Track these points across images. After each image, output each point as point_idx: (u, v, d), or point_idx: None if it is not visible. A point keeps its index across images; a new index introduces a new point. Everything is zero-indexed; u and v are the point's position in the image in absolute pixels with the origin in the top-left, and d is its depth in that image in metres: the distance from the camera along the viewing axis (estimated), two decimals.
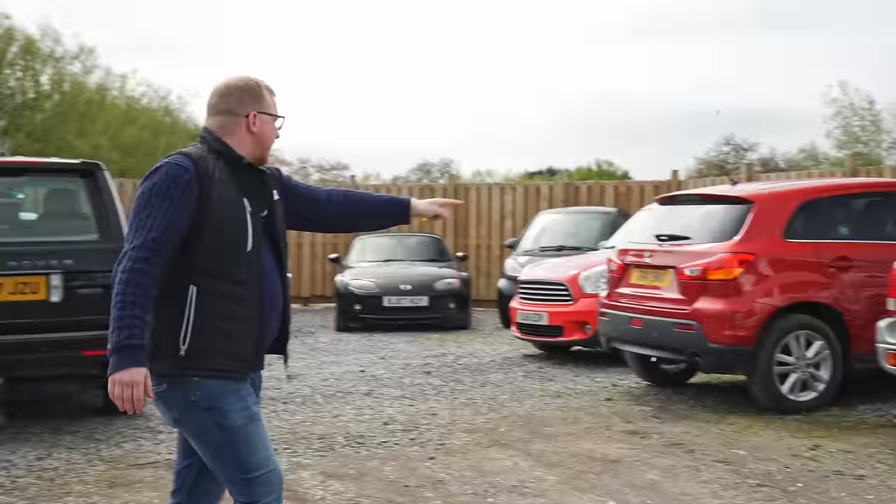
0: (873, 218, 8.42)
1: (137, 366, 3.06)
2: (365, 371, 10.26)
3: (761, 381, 7.72)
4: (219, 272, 3.19)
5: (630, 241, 9.26)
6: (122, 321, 3.04)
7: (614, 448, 6.63)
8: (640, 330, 8.32)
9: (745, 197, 8.11)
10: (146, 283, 3.08)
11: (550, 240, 13.95)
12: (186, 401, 3.18)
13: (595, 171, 48.17)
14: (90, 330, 7.11)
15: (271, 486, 3.28)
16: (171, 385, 3.19)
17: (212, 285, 3.18)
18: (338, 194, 3.73)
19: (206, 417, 3.18)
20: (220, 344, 3.19)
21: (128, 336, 3.04)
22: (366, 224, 3.98)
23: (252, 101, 3.35)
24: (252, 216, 3.27)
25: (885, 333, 6.67)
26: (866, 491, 5.53)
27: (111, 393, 3.07)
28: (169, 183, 3.14)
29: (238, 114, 3.33)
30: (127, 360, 3.05)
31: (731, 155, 41.86)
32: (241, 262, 3.23)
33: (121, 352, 3.05)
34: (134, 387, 3.05)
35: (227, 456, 3.22)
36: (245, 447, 3.22)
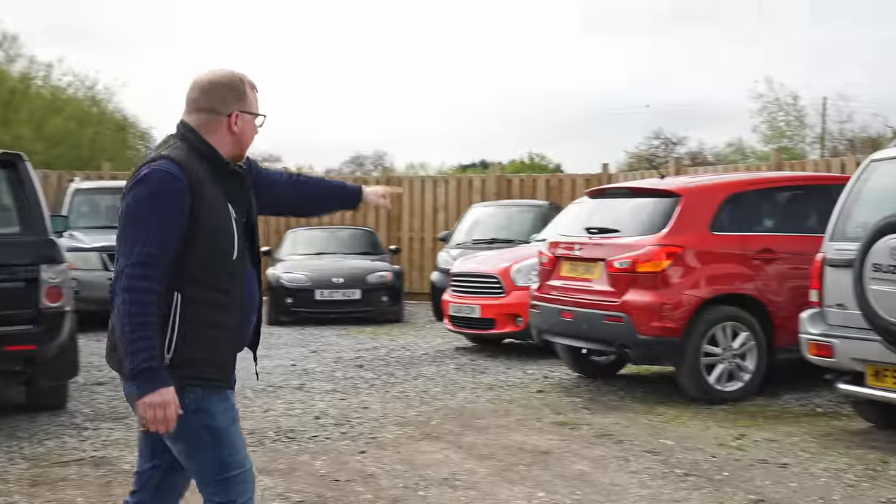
0: (796, 211, 8.60)
1: (164, 386, 3.02)
2: (296, 365, 10.19)
3: (689, 372, 7.83)
4: (204, 280, 3.13)
5: (561, 234, 9.33)
6: (137, 344, 2.98)
7: (545, 439, 6.67)
8: (570, 322, 8.38)
9: (673, 190, 8.22)
10: (151, 301, 3.01)
11: (483, 233, 14.00)
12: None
13: (528, 165, 48.39)
14: (13, 325, 6.97)
15: (247, 485, 3.28)
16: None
17: (196, 293, 3.12)
18: (295, 178, 3.73)
19: (194, 420, 3.13)
20: (204, 352, 3.15)
21: (147, 358, 2.99)
22: (317, 209, 3.97)
23: (235, 100, 3.24)
24: (236, 223, 3.24)
25: (807, 324, 6.80)
26: (789, 479, 5.64)
27: (143, 416, 3.03)
28: (161, 193, 3.04)
29: (220, 112, 3.22)
30: (153, 381, 3.00)
31: (660, 149, 42.41)
32: (226, 271, 3.19)
33: (144, 375, 3.00)
34: (166, 407, 3.02)
35: (210, 457, 3.20)
36: (228, 447, 3.21)
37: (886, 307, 5.96)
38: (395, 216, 18.32)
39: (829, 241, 6.80)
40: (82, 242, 13.21)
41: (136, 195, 3.06)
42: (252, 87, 3.32)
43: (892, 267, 5.92)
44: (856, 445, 6.42)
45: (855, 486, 5.45)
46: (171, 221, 3.04)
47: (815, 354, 6.72)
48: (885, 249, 5.96)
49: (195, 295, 3.11)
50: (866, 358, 6.33)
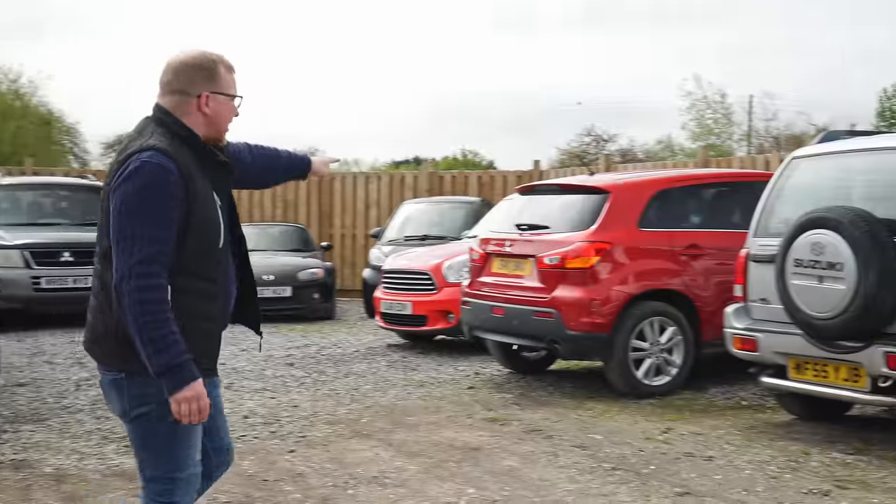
0: (722, 207, 8.74)
1: (194, 379, 3.05)
2: (225, 364, 10.06)
3: (617, 367, 7.91)
4: (195, 271, 3.14)
5: (491, 231, 9.36)
6: (162, 342, 2.98)
7: (475, 436, 6.69)
8: (501, 318, 8.42)
9: (602, 187, 8.29)
10: (164, 297, 3.02)
11: (415, 229, 13.99)
12: (144, 393, 3.13)
13: (460, 161, 48.50)
14: None
15: (192, 486, 3.29)
16: (131, 378, 3.14)
17: (188, 284, 3.12)
18: (255, 150, 3.72)
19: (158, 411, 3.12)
20: (200, 343, 3.16)
21: (175, 355, 3.00)
22: (273, 180, 3.92)
23: (204, 81, 3.20)
24: (221, 211, 3.24)
25: (731, 319, 6.91)
26: (714, 471, 5.73)
27: (177, 413, 3.05)
28: (155, 186, 3.01)
29: (190, 94, 3.19)
30: (183, 377, 3.02)
31: (591, 146, 42.78)
32: (214, 260, 3.21)
33: (173, 372, 3.01)
34: (199, 399, 3.06)
35: (168, 451, 3.19)
36: (187, 443, 3.22)
37: (807, 301, 6.08)
38: (326, 213, 18.23)
39: (753, 237, 6.92)
40: (4, 240, 12.91)
41: (128, 189, 3.02)
42: (228, 68, 3.28)
43: (812, 262, 6.04)
44: (779, 437, 6.54)
45: (778, 478, 5.56)
46: (168, 215, 3.02)
47: (740, 348, 6.83)
48: (806, 245, 6.08)
49: (187, 286, 3.12)
50: (788, 351, 6.45)
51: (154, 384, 3.06)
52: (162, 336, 2.98)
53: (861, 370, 6.00)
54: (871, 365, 5.90)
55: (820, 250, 5.99)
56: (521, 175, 17.72)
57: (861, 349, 5.92)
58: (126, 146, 3.15)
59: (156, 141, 3.09)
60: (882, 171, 6.48)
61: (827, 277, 5.95)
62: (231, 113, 3.30)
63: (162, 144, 3.08)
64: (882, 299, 5.72)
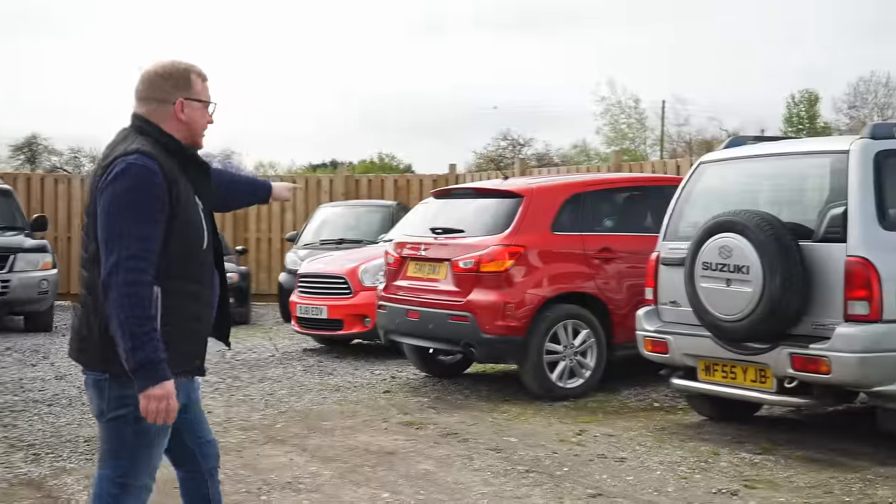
0: (634, 211, 8.88)
1: (166, 378, 3.09)
2: None
3: (532, 370, 7.97)
4: (181, 273, 3.23)
5: (406, 234, 9.36)
6: (141, 338, 3.04)
7: (391, 440, 6.68)
8: (416, 322, 8.41)
9: (516, 191, 8.35)
10: (149, 294, 3.09)
11: (331, 233, 13.93)
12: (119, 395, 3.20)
13: (377, 165, 48.45)
14: None
15: (141, 499, 3.35)
16: (113, 380, 3.20)
17: (175, 286, 3.20)
18: (216, 172, 3.76)
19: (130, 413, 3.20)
20: (188, 343, 3.29)
21: (151, 351, 3.06)
22: (233, 203, 4.01)
23: (177, 88, 3.33)
24: (203, 213, 3.35)
25: (642, 321, 7.01)
26: (626, 472, 5.81)
27: (144, 409, 3.10)
28: (142, 187, 3.11)
29: (166, 101, 3.32)
30: (155, 374, 3.07)
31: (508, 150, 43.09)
32: (198, 261, 3.30)
33: (147, 368, 3.06)
34: (168, 398, 3.11)
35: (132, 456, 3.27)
36: (149, 453, 3.31)
37: (715, 304, 6.21)
38: (241, 216, 18.01)
39: (663, 241, 7.04)
40: None
41: (116, 190, 3.11)
42: (200, 76, 3.41)
43: (720, 265, 6.17)
44: (690, 438, 6.65)
45: (688, 478, 5.65)
46: (154, 215, 3.12)
47: (651, 351, 6.94)
48: (714, 249, 6.21)
49: (173, 288, 3.19)
50: (698, 353, 6.58)
51: (133, 387, 3.12)
52: (143, 332, 3.04)
53: (768, 371, 6.14)
54: (776, 366, 6.04)
55: (727, 254, 6.12)
56: (437, 179, 17.78)
57: (767, 351, 6.07)
58: (109, 152, 3.24)
59: (139, 145, 3.20)
60: (787, 176, 6.66)
61: (734, 280, 6.08)
62: (205, 119, 3.42)
63: (146, 148, 3.19)
64: (787, 302, 5.87)
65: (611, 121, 52.40)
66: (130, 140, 3.24)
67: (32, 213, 16.29)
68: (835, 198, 6.04)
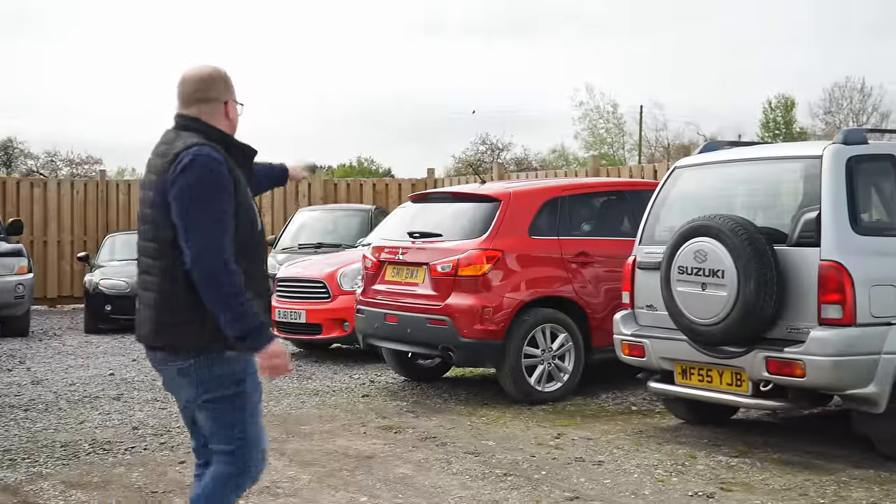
0: (611, 215, 8.91)
1: (272, 340, 3.37)
2: (115, 374, 9.88)
3: (510, 374, 7.99)
4: (244, 254, 3.44)
5: (384, 239, 9.36)
6: (239, 309, 3.30)
7: (369, 444, 6.69)
8: (395, 326, 8.42)
9: (493, 195, 8.38)
10: (236, 271, 3.33)
11: (309, 237, 13.90)
12: (214, 375, 3.43)
13: (356, 169, 48.42)
14: None
15: (263, 461, 3.61)
16: (200, 364, 3.42)
17: (241, 266, 3.39)
18: None
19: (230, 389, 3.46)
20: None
21: (253, 318, 3.32)
22: (255, 188, 4.10)
23: (226, 90, 3.62)
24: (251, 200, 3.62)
25: (620, 325, 7.05)
26: (604, 475, 5.84)
27: (263, 368, 3.39)
28: (214, 175, 3.35)
29: (217, 101, 3.58)
30: (263, 336, 3.34)
31: (487, 154, 43.15)
32: (254, 242, 3.54)
33: (254, 333, 3.32)
34: (281, 355, 3.38)
35: (242, 424, 3.50)
36: (255, 418, 3.55)
37: (690, 308, 6.25)
38: None
39: (639, 245, 7.08)
40: None
41: (189, 180, 3.32)
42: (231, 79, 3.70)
43: (695, 269, 6.21)
44: (667, 441, 6.70)
45: (664, 481, 5.69)
46: (227, 201, 3.37)
47: (628, 354, 6.98)
48: (690, 253, 6.25)
49: (240, 268, 3.39)
50: (674, 357, 6.62)
51: (222, 366, 3.42)
52: (239, 304, 3.30)
53: (743, 375, 6.19)
54: (752, 370, 6.09)
55: (703, 258, 6.16)
56: (415, 183, 17.82)
57: (742, 354, 6.11)
58: (167, 149, 3.44)
59: (198, 139, 3.44)
60: (761, 181, 6.72)
61: (709, 284, 6.12)
62: (237, 118, 3.70)
63: (201, 140, 3.44)
64: (761, 305, 5.92)
65: (589, 126, 52.60)
66: (185, 137, 3.46)
67: (8, 216, 16.24)
68: (808, 203, 6.10)
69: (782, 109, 53.78)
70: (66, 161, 44.28)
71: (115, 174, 48.18)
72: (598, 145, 50.78)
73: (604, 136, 52.25)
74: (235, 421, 3.50)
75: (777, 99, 53.87)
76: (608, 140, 52.22)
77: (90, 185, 18.16)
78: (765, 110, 54.15)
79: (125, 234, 16.15)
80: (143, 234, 3.52)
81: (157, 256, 3.44)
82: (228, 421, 3.50)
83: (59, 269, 17.65)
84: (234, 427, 3.50)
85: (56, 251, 17.67)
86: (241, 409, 3.50)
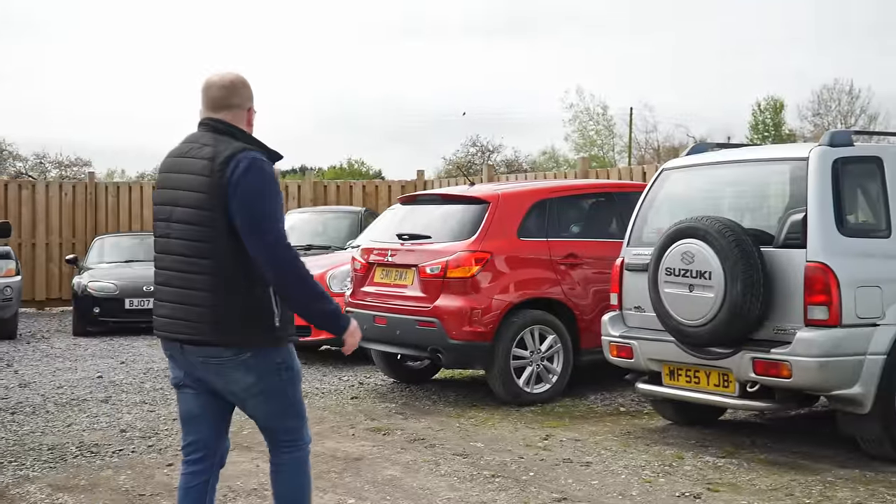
0: (599, 217, 8.93)
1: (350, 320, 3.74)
2: (103, 377, 9.86)
3: (499, 375, 8.00)
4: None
5: (373, 241, 9.37)
6: (318, 297, 3.62)
7: (357, 446, 6.69)
8: (384, 328, 8.42)
9: (482, 197, 8.39)
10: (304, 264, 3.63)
11: (299, 239, 13.85)
12: (271, 364, 3.65)
13: (346, 171, 48.39)
14: None
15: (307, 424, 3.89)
16: (257, 354, 3.62)
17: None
18: None
19: (285, 375, 3.70)
20: (289, 313, 3.70)
21: (330, 302, 3.66)
22: None
23: (250, 97, 3.79)
24: None
25: (608, 326, 7.07)
26: (592, 477, 5.85)
27: (350, 344, 3.76)
28: (270, 177, 3.57)
29: (242, 108, 3.75)
30: (343, 318, 3.70)
31: (477, 156, 43.16)
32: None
33: (335, 315, 3.67)
34: (358, 331, 3.77)
35: (294, 404, 3.77)
36: (300, 396, 3.82)
37: (678, 309, 6.27)
38: None
39: (627, 247, 7.10)
40: None
41: (252, 182, 3.50)
42: None
43: (683, 271, 6.23)
44: (654, 442, 6.72)
45: (652, 482, 5.71)
46: (280, 199, 3.62)
47: (616, 356, 6.99)
48: (677, 255, 6.27)
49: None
50: (662, 358, 6.64)
51: (275, 354, 3.65)
52: (318, 293, 3.62)
53: (730, 376, 6.21)
54: (739, 371, 6.11)
55: (690, 259, 6.18)
56: (405, 185, 17.82)
57: (729, 355, 6.13)
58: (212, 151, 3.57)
59: (243, 145, 3.61)
60: (748, 183, 6.74)
61: (697, 286, 6.15)
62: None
63: (246, 145, 3.62)
64: (748, 307, 5.94)
65: (579, 128, 52.69)
66: (226, 141, 3.61)
67: None
68: (795, 204, 6.13)
69: (771, 111, 53.92)
70: (55, 163, 44.14)
71: (105, 176, 48.07)
72: (588, 147, 50.85)
73: (594, 139, 52.34)
74: (295, 400, 3.77)
75: (766, 101, 54.03)
76: (598, 142, 52.30)
77: (79, 187, 18.12)
78: (754, 112, 54.30)
79: (114, 236, 16.15)
80: (182, 234, 3.62)
81: (208, 255, 3.56)
82: (290, 400, 3.75)
83: (47, 272, 17.59)
84: (295, 405, 3.77)
85: (44, 253, 17.62)
86: (295, 387, 3.77)
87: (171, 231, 3.66)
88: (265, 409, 3.75)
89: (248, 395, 3.70)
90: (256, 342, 3.61)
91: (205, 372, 3.69)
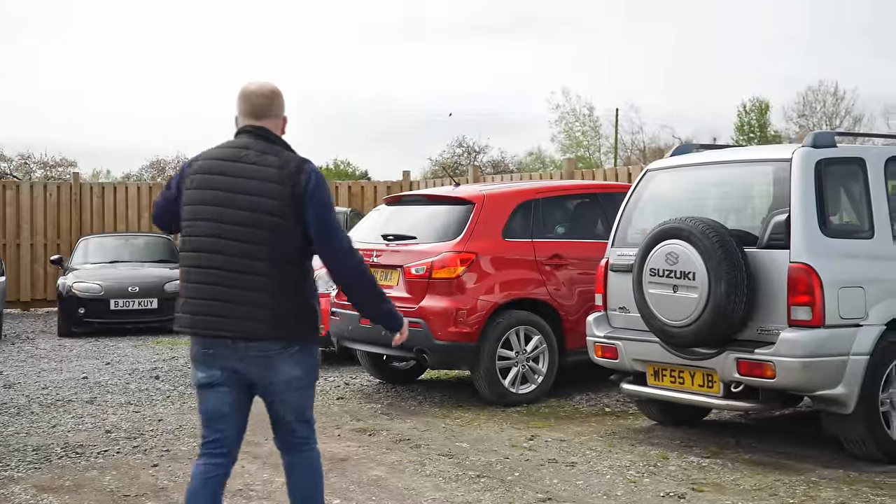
0: (584, 218, 8.95)
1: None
2: (88, 378, 9.83)
3: (485, 376, 8.02)
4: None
5: (359, 241, 9.35)
6: (380, 296, 3.95)
7: (343, 447, 6.69)
8: (369, 329, 8.39)
9: (467, 198, 8.40)
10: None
11: None
12: (313, 359, 3.87)
13: (333, 171, 48.32)
14: None
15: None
16: (305, 350, 3.80)
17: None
18: None
19: (316, 373, 3.93)
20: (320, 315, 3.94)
21: (388, 302, 4.00)
22: None
23: (283, 107, 3.91)
24: None
25: (592, 327, 7.08)
26: (577, 477, 5.87)
27: (400, 339, 4.05)
28: (328, 187, 3.80)
29: (279, 117, 3.90)
30: (399, 314, 4.03)
31: (464, 157, 43.16)
32: None
33: (393, 313, 4.00)
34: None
35: (312, 400, 3.98)
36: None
37: (662, 310, 6.29)
38: None
39: (612, 247, 7.12)
40: None
41: (323, 191, 3.73)
42: None
43: (667, 272, 6.25)
44: (639, 443, 6.74)
45: (637, 482, 5.73)
46: None
47: (601, 356, 7.01)
48: (661, 255, 6.29)
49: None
50: (647, 359, 6.66)
51: (315, 350, 3.89)
52: (379, 293, 3.94)
53: (715, 376, 6.24)
54: (723, 371, 6.14)
55: (674, 260, 6.21)
56: (390, 185, 17.83)
57: (714, 356, 6.16)
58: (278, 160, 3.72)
59: (298, 155, 3.79)
60: (732, 184, 6.77)
61: (681, 286, 6.17)
62: None
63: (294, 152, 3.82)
64: (732, 307, 5.97)
65: (565, 129, 52.78)
66: (279, 149, 3.78)
67: None
68: (778, 205, 6.16)
69: (757, 112, 54.12)
70: (40, 163, 43.89)
71: (90, 177, 47.87)
72: (574, 148, 50.94)
73: (580, 140, 52.45)
74: (312, 398, 3.98)
75: (752, 102, 54.23)
76: (584, 143, 52.40)
77: (63, 187, 18.04)
78: (739, 113, 54.49)
79: (98, 237, 16.10)
80: (239, 235, 3.70)
81: (267, 257, 3.70)
82: (310, 399, 3.95)
83: (31, 273, 17.51)
84: (313, 402, 4.00)
85: (29, 254, 17.54)
86: (314, 387, 3.97)
87: (222, 231, 3.71)
88: (298, 402, 3.88)
89: (288, 387, 3.82)
90: (304, 337, 3.80)
91: (251, 364, 3.77)
